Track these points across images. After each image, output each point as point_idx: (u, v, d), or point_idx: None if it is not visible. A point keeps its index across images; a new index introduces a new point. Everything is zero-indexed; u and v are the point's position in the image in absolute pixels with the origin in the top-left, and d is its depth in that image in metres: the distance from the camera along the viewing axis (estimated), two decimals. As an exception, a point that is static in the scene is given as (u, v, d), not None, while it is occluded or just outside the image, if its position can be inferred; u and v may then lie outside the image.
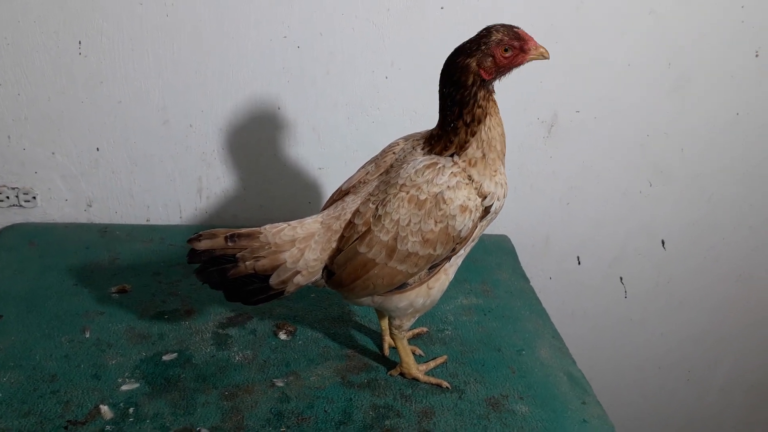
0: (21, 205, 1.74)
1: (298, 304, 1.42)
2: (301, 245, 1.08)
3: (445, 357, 1.29)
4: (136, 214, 1.81)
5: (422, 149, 1.10)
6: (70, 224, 1.76)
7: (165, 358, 1.24)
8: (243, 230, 1.06)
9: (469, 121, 1.03)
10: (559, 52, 1.70)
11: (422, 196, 1.04)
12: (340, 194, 1.16)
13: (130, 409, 1.10)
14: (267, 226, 1.08)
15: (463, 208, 1.04)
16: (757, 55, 1.77)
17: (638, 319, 2.16)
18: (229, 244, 1.04)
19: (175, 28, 1.58)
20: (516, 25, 1.03)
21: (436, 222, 1.03)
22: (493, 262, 1.74)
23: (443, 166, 1.05)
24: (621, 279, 2.08)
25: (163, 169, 1.76)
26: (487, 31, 1.02)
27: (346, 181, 1.17)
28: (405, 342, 1.21)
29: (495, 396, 1.20)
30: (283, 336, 1.33)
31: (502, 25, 1.02)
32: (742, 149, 1.90)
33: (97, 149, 1.71)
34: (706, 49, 1.74)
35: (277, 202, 1.83)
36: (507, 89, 1.08)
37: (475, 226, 1.07)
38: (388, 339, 1.31)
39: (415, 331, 1.37)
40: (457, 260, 1.14)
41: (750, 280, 2.13)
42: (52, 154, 1.69)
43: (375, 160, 1.16)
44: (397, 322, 1.17)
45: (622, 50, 1.73)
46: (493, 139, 1.05)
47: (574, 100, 1.78)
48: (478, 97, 1.03)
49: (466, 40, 1.04)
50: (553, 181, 1.90)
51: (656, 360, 2.24)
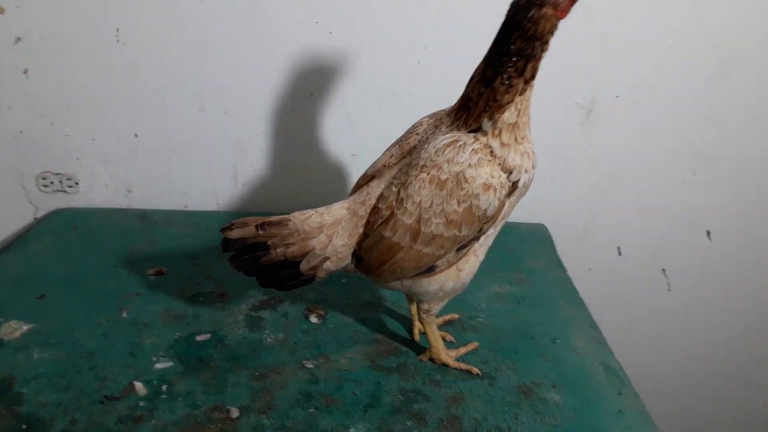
0: (64, 191, 1.79)
1: (330, 289, 1.43)
2: (329, 231, 1.08)
3: (477, 344, 1.27)
4: (174, 200, 1.85)
5: (447, 126, 1.07)
6: (111, 209, 1.81)
7: (198, 338, 1.26)
8: (273, 218, 1.07)
9: (529, 76, 0.98)
10: (596, 35, 1.66)
11: (443, 176, 1.01)
12: (366, 179, 1.15)
13: (163, 387, 1.12)
14: (296, 213, 1.08)
15: (487, 186, 1.00)
16: (810, 36, 1.68)
17: (683, 313, 2.08)
18: (260, 232, 1.05)
19: (210, 15, 1.60)
20: None
21: (459, 202, 1.01)
22: (529, 251, 1.70)
23: (464, 143, 1.02)
24: (664, 270, 2.02)
25: (200, 156, 1.79)
26: None
27: (371, 166, 1.16)
28: (434, 327, 1.19)
29: (527, 383, 1.18)
30: (314, 319, 1.34)
31: None
32: (792, 135, 1.82)
33: (136, 135, 1.74)
34: (753, 31, 1.66)
35: (311, 189, 1.83)
36: (544, 73, 1.04)
37: (503, 204, 1.04)
38: (418, 324, 1.30)
39: (446, 318, 1.35)
40: (487, 240, 1.11)
41: (802, 272, 2.04)
42: (93, 140, 1.74)
43: (399, 143, 1.14)
44: (425, 306, 1.16)
45: (662, 33, 1.66)
46: (528, 100, 1.01)
47: (613, 85, 1.73)
48: (546, 47, 0.98)
49: None
50: (591, 169, 1.85)
51: (703, 356, 2.16)
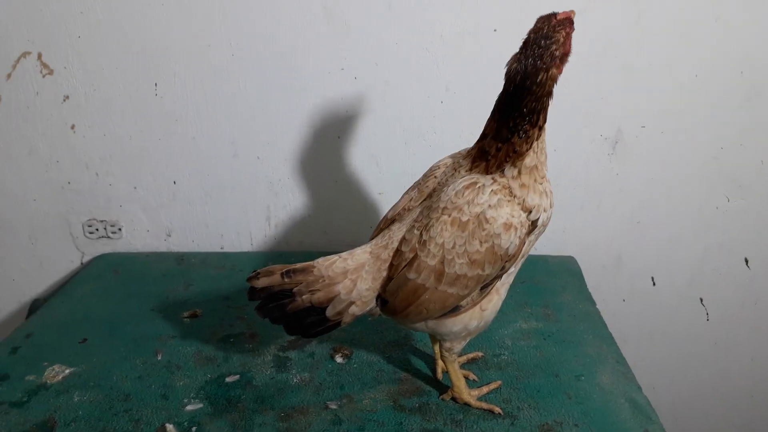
0: (108, 237, 1.90)
1: (356, 329, 1.46)
2: (353, 276, 1.09)
3: (499, 382, 1.27)
4: (210, 242, 1.93)
5: (466, 170, 1.09)
6: (151, 253, 1.90)
7: (228, 379, 1.31)
8: (297, 265, 1.09)
9: (542, 124, 1.02)
10: (620, 67, 1.66)
11: (464, 218, 1.03)
12: (387, 222, 1.18)
13: (193, 428, 1.16)
14: (320, 260, 1.10)
15: (508, 226, 1.02)
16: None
17: (724, 343, 2.02)
18: (286, 280, 1.07)
19: (241, 67, 1.69)
20: (552, 12, 0.99)
21: (481, 242, 1.03)
22: (557, 285, 1.69)
23: (483, 185, 1.04)
24: (701, 300, 1.96)
25: (235, 199, 1.87)
26: (549, 35, 0.97)
27: (392, 209, 1.19)
28: (456, 366, 1.20)
29: (549, 422, 1.17)
30: (339, 359, 1.37)
31: (551, 21, 0.97)
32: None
33: (174, 182, 1.84)
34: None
35: (340, 227, 1.88)
36: (568, 106, 1.05)
37: (523, 242, 1.06)
38: (441, 363, 1.31)
39: (470, 356, 1.36)
40: (508, 278, 1.12)
41: None
42: (134, 188, 1.84)
43: (417, 186, 1.17)
44: (447, 345, 1.17)
45: (687, 61, 1.66)
46: (543, 140, 1.05)
47: (639, 115, 1.72)
48: (552, 95, 1.01)
49: (530, 52, 0.97)
50: (621, 199, 1.84)
51: (746, 387, 2.08)
